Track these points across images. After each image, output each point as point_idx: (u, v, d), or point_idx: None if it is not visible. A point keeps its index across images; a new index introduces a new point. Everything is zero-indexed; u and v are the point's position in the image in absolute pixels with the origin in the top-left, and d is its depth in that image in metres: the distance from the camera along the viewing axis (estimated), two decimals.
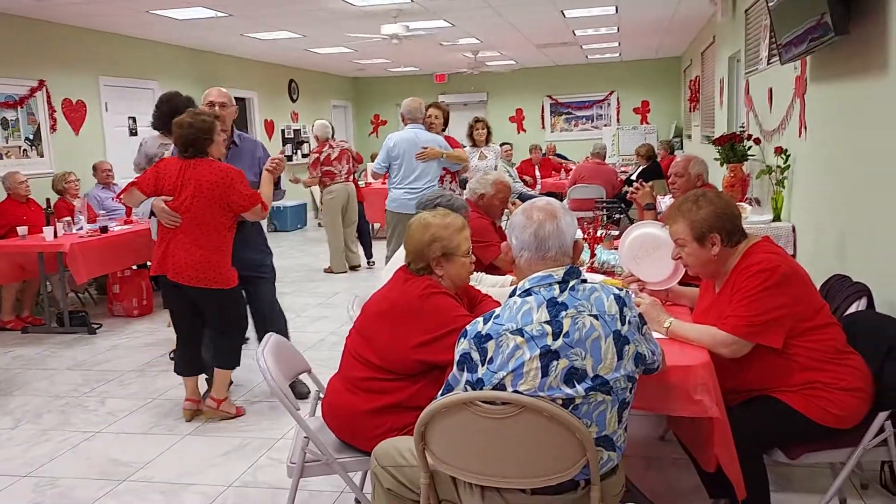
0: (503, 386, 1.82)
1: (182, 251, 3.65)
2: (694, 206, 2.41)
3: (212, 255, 3.66)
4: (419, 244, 2.46)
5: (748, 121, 6.30)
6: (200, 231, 3.64)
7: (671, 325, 2.42)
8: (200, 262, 3.64)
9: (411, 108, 5.71)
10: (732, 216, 2.41)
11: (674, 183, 4.10)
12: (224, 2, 7.03)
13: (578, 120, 15.17)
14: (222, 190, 3.61)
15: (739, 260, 2.38)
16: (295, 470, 2.46)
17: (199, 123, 3.62)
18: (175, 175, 3.65)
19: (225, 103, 4.01)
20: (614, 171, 9.57)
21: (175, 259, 3.66)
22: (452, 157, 5.67)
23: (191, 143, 3.64)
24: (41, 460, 3.55)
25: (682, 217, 2.43)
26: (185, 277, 3.66)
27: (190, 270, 3.64)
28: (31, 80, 7.29)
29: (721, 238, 2.37)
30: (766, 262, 2.29)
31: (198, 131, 3.62)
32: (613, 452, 1.89)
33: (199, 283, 3.66)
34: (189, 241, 3.64)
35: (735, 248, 2.40)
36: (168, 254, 3.69)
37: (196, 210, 3.62)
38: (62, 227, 5.93)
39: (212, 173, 3.62)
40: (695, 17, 9.22)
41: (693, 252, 2.43)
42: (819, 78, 4.12)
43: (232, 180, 3.63)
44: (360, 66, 13.31)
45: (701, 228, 2.38)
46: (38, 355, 5.37)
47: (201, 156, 3.66)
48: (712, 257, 2.40)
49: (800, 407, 2.26)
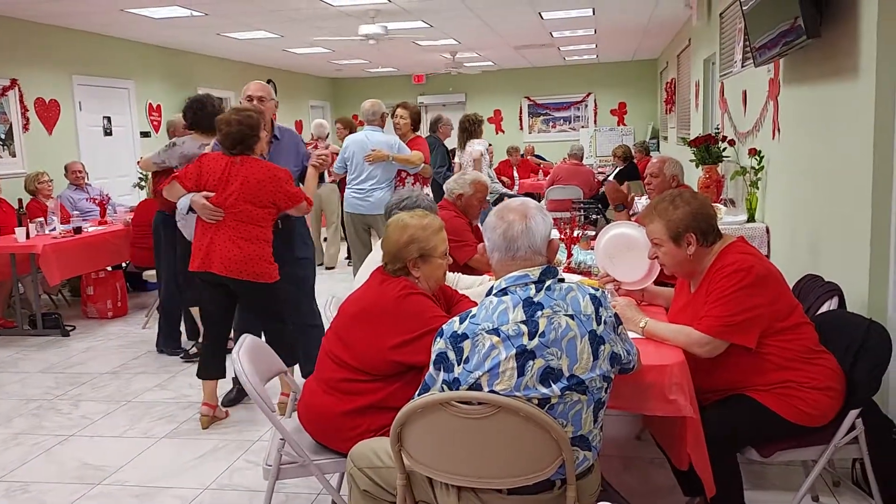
0: (479, 386, 1.82)
1: (230, 245, 3.63)
2: (670, 206, 2.44)
3: (260, 248, 3.67)
4: (396, 245, 2.46)
5: (723, 123, 6.37)
6: (247, 226, 3.64)
7: (647, 324, 2.44)
8: (249, 255, 3.64)
9: (365, 109, 5.78)
10: (708, 216, 2.43)
11: (650, 184, 4.14)
12: (200, 1, 6.97)
13: (556, 121, 15.23)
14: (270, 189, 3.62)
15: (715, 260, 2.41)
16: (271, 472, 2.44)
17: (246, 121, 3.61)
18: (220, 171, 3.63)
19: (263, 97, 3.95)
20: (592, 171, 9.62)
21: (222, 253, 3.64)
22: (400, 159, 5.55)
23: (239, 141, 3.62)
24: (12, 465, 3.50)
25: (659, 217, 2.45)
26: (233, 271, 3.63)
27: (238, 264, 3.63)
28: (3, 79, 7.17)
29: (696, 238, 2.40)
30: (740, 262, 2.32)
31: (246, 128, 3.60)
32: (589, 452, 1.90)
33: (248, 276, 3.65)
34: (235, 236, 3.63)
35: (710, 247, 2.43)
36: (213, 249, 3.65)
37: (242, 206, 3.61)
38: (35, 228, 5.84)
39: (260, 171, 3.63)
40: (671, 21, 9.30)
41: (669, 252, 2.45)
42: (792, 80, 4.17)
43: (279, 179, 3.65)
44: (339, 66, 13.26)
45: (677, 228, 2.41)
46: (9, 358, 5.29)
47: (247, 153, 3.65)
48: (688, 257, 2.42)
49: (773, 406, 2.29)
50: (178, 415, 4.04)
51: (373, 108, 5.74)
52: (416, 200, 3.24)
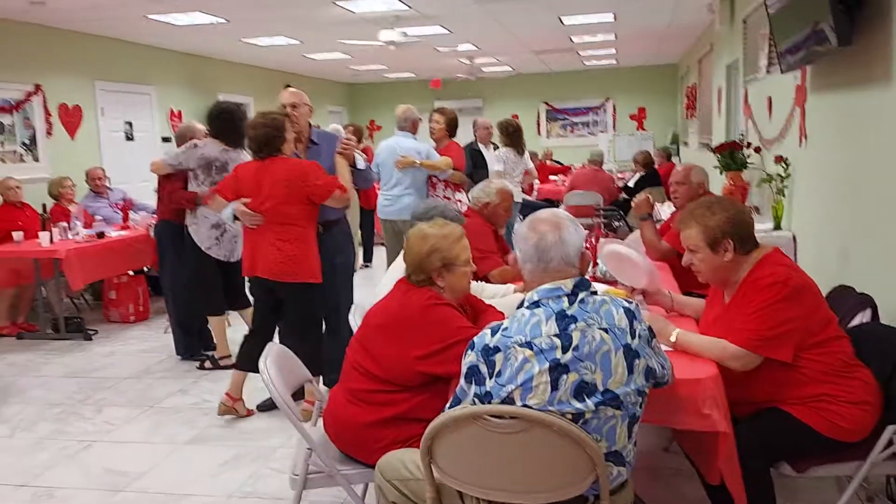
0: (512, 400, 1.80)
1: (271, 248, 3.68)
2: (708, 212, 2.39)
3: (298, 248, 3.68)
4: (418, 256, 2.44)
5: (747, 129, 6.30)
6: (284, 226, 3.67)
7: (677, 336, 2.40)
8: (291, 255, 3.67)
9: (397, 115, 5.82)
10: (746, 223, 2.39)
11: (675, 192, 4.08)
12: (222, 7, 7.01)
13: (574, 126, 15.19)
14: (298, 183, 3.62)
15: (751, 270, 2.36)
16: (298, 482, 2.43)
17: (270, 122, 3.67)
18: (252, 176, 3.71)
19: (296, 104, 3.97)
20: (611, 177, 9.56)
21: (265, 257, 3.69)
22: (427, 165, 5.56)
23: (264, 143, 3.67)
24: (37, 469, 3.52)
25: (696, 222, 2.40)
26: (276, 273, 3.68)
27: (280, 266, 3.67)
28: (28, 84, 7.25)
29: (734, 245, 2.35)
30: (777, 274, 2.28)
31: (270, 129, 3.65)
32: (623, 467, 1.87)
33: (291, 277, 3.69)
34: (275, 238, 3.67)
35: (747, 256, 2.38)
36: (257, 254, 3.73)
37: (276, 207, 3.65)
38: (58, 233, 5.88)
39: (285, 169, 3.65)
40: (692, 25, 9.24)
41: (705, 258, 2.40)
42: (820, 87, 4.12)
43: (305, 173, 3.65)
44: (356, 71, 13.30)
45: (714, 234, 2.36)
46: (32, 362, 5.33)
47: (274, 154, 3.68)
48: (724, 264, 2.38)
49: (808, 420, 2.24)
50: (200, 420, 4.05)
51: (404, 115, 5.75)
52: (442, 211, 3.22)
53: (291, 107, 3.95)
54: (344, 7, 7.16)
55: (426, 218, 3.14)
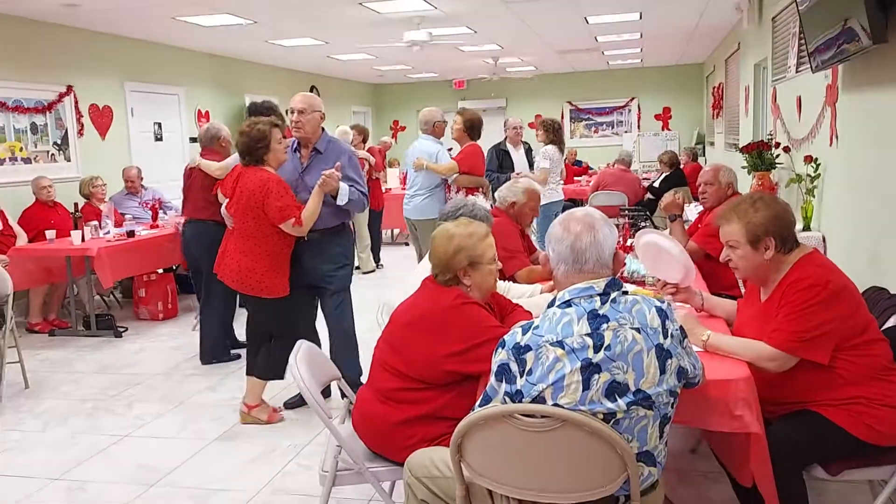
0: (543, 398, 1.80)
1: (231, 256, 3.77)
2: (751, 209, 2.36)
3: (255, 262, 3.70)
4: (445, 255, 2.45)
5: (775, 129, 6.24)
6: (246, 238, 3.71)
7: (709, 337, 2.38)
8: (244, 268, 3.71)
9: (419, 118, 5.98)
10: (788, 222, 2.36)
11: (704, 192, 4.06)
12: (250, 9, 7.08)
13: (598, 126, 15.12)
14: (259, 198, 3.63)
15: (790, 271, 2.34)
16: (327, 478, 2.45)
17: (253, 132, 3.68)
18: (233, 181, 3.78)
19: (304, 109, 3.84)
20: (638, 178, 9.50)
21: (226, 263, 3.79)
22: (431, 167, 5.64)
23: (246, 152, 3.70)
24: (70, 464, 3.58)
25: (738, 218, 2.37)
26: (232, 282, 3.77)
27: (235, 275, 3.73)
28: (60, 85, 7.38)
29: (775, 243, 2.33)
30: (816, 276, 2.26)
31: (250, 140, 3.67)
32: (654, 468, 1.87)
33: (244, 289, 3.75)
34: (236, 248, 3.74)
35: (787, 255, 2.36)
36: (223, 257, 3.82)
37: (240, 217, 3.70)
38: (89, 231, 5.98)
39: (252, 182, 3.65)
40: (719, 24, 9.16)
41: (745, 255, 2.38)
42: (852, 86, 4.07)
43: (268, 190, 3.61)
44: (381, 72, 13.35)
45: (756, 231, 2.33)
46: (64, 358, 5.42)
47: (258, 164, 3.70)
48: (764, 262, 2.35)
49: (843, 423, 2.22)
50: (229, 417, 4.09)
51: (423, 118, 5.88)
52: (471, 210, 3.23)
53: (299, 112, 3.84)
54: (370, 8, 7.19)
55: (453, 217, 3.15)
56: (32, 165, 7.00)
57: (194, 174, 5.04)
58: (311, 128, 3.89)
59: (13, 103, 6.81)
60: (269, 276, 3.72)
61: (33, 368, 5.09)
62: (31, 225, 6.29)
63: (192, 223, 5.10)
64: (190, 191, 5.11)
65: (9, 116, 6.78)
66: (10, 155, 6.82)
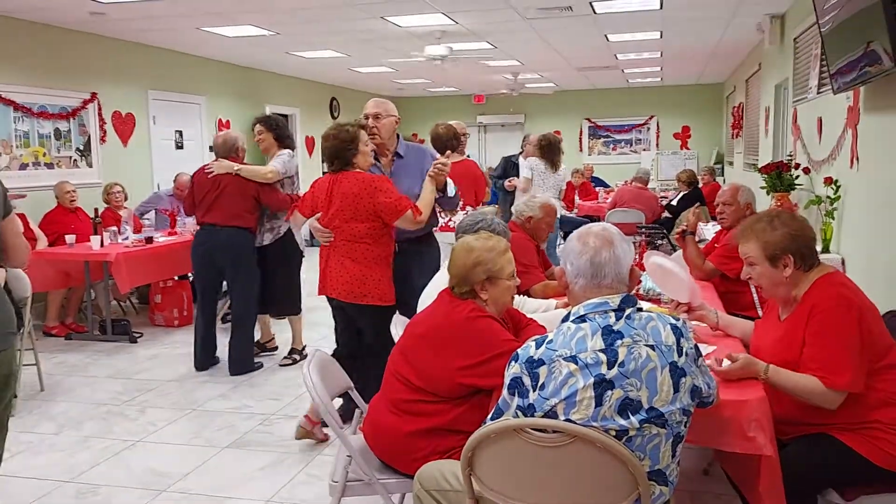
0: (555, 413, 1.79)
1: (336, 268, 3.57)
2: (768, 227, 2.36)
3: (369, 269, 3.54)
4: (463, 268, 2.45)
5: (796, 150, 6.20)
6: (355, 244, 3.54)
7: (769, 372, 2.27)
8: (357, 277, 3.53)
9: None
10: (807, 238, 2.35)
11: (722, 213, 4.03)
12: (273, 20, 7.16)
13: (617, 143, 15.09)
14: (366, 199, 3.48)
15: (810, 288, 2.31)
16: (337, 489, 2.45)
17: (342, 134, 3.56)
18: (325, 191, 3.60)
19: (379, 114, 3.77)
20: (655, 196, 9.46)
21: (332, 276, 3.59)
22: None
23: (336, 155, 3.57)
24: (82, 467, 3.60)
25: (756, 237, 2.37)
26: (342, 293, 3.56)
27: (346, 286, 3.55)
28: (84, 92, 7.49)
29: (794, 260, 2.31)
30: (841, 298, 2.22)
31: (340, 142, 3.54)
32: (666, 487, 1.85)
33: (356, 299, 3.55)
34: (343, 256, 3.56)
35: (808, 272, 2.34)
36: (327, 272, 3.62)
37: (345, 223, 3.53)
38: (108, 237, 6.05)
39: (354, 184, 3.51)
40: (740, 44, 9.14)
41: (764, 272, 2.37)
42: (874, 108, 4.04)
43: (374, 188, 3.48)
44: (401, 85, 13.43)
45: (774, 249, 2.32)
46: (80, 362, 5.46)
47: (347, 168, 3.57)
48: (784, 279, 2.33)
49: (860, 448, 2.18)
50: (240, 425, 4.11)
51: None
52: (490, 224, 3.22)
53: (374, 117, 3.76)
54: (392, 22, 7.25)
55: (472, 230, 3.14)
56: (55, 170, 7.10)
57: (225, 181, 4.92)
58: (387, 133, 3.80)
59: (38, 109, 6.92)
60: (384, 283, 3.57)
61: (49, 371, 5.14)
62: (52, 229, 6.36)
63: (221, 230, 4.91)
64: (222, 197, 4.92)
65: (33, 122, 6.89)
66: (34, 160, 6.92)
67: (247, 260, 4.99)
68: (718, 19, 7.50)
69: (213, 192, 4.95)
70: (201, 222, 5.04)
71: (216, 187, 4.95)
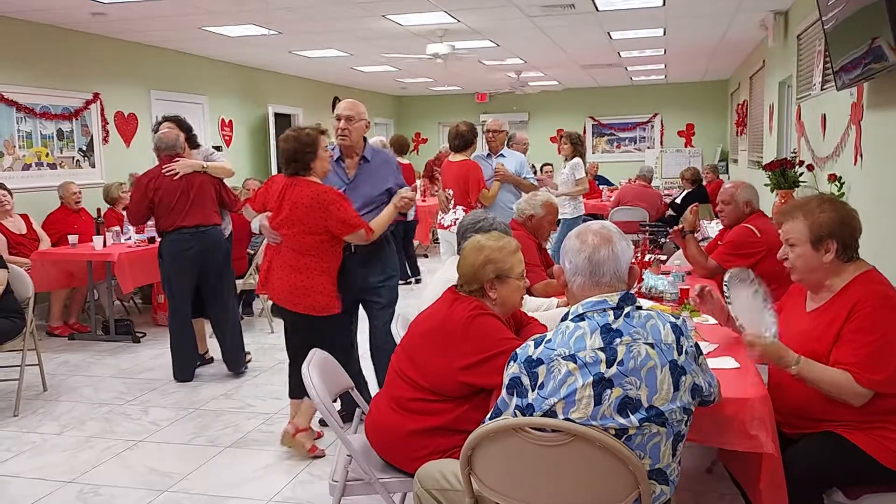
0: (554, 413, 1.78)
1: (280, 274, 3.55)
2: (818, 208, 2.28)
3: (312, 280, 3.51)
4: (473, 266, 2.44)
5: (800, 147, 6.17)
6: (300, 255, 3.50)
7: (800, 363, 2.22)
8: (296, 286, 3.51)
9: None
10: (853, 228, 2.28)
11: (722, 211, 4.01)
12: (275, 20, 7.16)
13: (621, 141, 15.06)
14: (318, 213, 3.42)
15: (850, 284, 2.26)
16: (337, 488, 2.44)
17: (303, 137, 3.49)
18: (277, 193, 3.53)
19: (351, 117, 3.71)
20: (659, 194, 9.43)
21: (273, 282, 3.59)
22: None
23: (294, 158, 3.49)
24: (85, 467, 3.60)
25: (804, 216, 2.29)
26: (281, 301, 3.57)
27: (285, 294, 3.54)
28: (87, 92, 7.50)
29: (837, 247, 2.25)
30: (886, 299, 2.19)
31: (301, 145, 3.47)
32: (666, 486, 1.84)
33: (295, 307, 3.55)
34: (285, 265, 3.53)
35: (846, 264, 2.28)
36: (270, 274, 3.61)
37: (291, 232, 3.48)
38: (111, 237, 6.05)
39: (307, 195, 3.43)
40: (744, 41, 9.11)
41: (804, 254, 2.29)
42: (877, 105, 4.02)
43: (328, 203, 3.41)
44: (404, 84, 13.42)
45: (820, 231, 2.25)
46: (83, 362, 5.47)
47: (304, 172, 3.49)
48: (823, 265, 2.27)
49: (866, 447, 2.16)
50: (243, 425, 4.10)
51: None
52: (491, 223, 3.21)
53: (346, 119, 3.70)
54: (393, 20, 7.24)
55: (474, 229, 3.14)
56: (58, 171, 7.11)
57: (196, 180, 4.78)
58: (357, 136, 3.76)
59: (41, 109, 6.94)
60: (326, 295, 3.54)
61: (52, 371, 5.15)
62: (55, 229, 6.37)
63: (207, 230, 4.80)
64: (198, 197, 4.78)
65: (36, 122, 6.90)
66: (37, 160, 6.93)
67: (225, 260, 5.03)
68: (721, 16, 7.47)
69: (187, 194, 4.75)
70: (177, 226, 4.74)
71: (189, 188, 4.76)
